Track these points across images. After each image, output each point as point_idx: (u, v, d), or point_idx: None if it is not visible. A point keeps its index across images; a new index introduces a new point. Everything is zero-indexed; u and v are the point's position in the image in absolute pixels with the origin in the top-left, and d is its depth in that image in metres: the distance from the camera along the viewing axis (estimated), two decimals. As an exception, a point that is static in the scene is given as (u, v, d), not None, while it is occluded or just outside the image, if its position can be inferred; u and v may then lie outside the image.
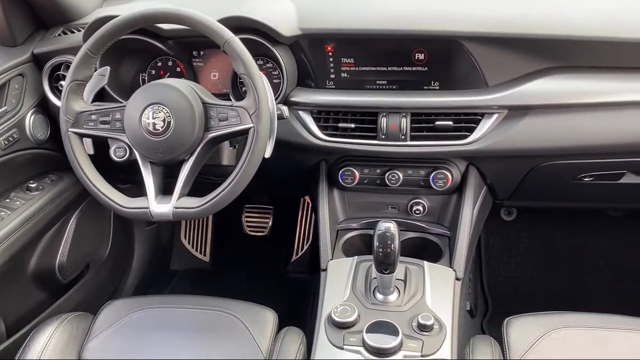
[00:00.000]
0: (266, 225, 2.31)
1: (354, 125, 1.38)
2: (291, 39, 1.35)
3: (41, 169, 1.63)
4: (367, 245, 1.45)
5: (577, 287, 2.09)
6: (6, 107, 1.45)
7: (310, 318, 1.25)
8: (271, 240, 2.32)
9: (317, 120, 1.40)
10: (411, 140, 1.37)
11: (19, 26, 1.52)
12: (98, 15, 1.38)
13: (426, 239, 1.46)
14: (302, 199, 2.27)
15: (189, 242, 2.33)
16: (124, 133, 1.19)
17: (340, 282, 1.28)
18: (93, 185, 1.20)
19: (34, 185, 1.55)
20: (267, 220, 2.31)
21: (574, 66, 1.31)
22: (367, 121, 1.38)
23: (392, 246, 1.13)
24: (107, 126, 1.21)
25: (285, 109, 1.28)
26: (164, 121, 1.14)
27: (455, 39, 1.29)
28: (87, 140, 1.28)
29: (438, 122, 1.34)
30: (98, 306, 1.31)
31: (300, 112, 1.40)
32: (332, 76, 1.39)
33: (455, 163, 1.43)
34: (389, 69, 1.37)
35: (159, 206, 1.17)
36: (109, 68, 1.32)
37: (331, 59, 1.38)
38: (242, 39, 1.21)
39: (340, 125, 1.39)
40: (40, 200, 1.53)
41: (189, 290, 2.19)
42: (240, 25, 1.31)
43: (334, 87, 1.40)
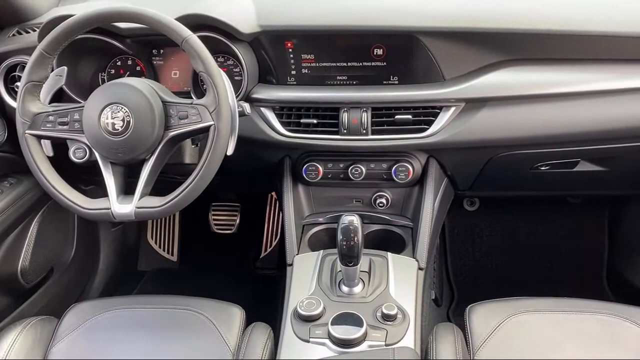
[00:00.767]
0: (234, 222, 2.31)
1: (316, 121, 1.40)
2: (251, 36, 1.35)
3: (-1, 172, 1.60)
4: (332, 239, 1.46)
5: (540, 273, 2.15)
6: (-39, 110, 1.42)
7: (279, 313, 1.26)
8: (239, 238, 2.32)
9: (279, 117, 1.41)
10: (372, 134, 1.39)
11: (-29, 26, 1.49)
12: (53, 14, 1.36)
13: (390, 230, 1.48)
14: (270, 195, 2.28)
15: (156, 242, 2.31)
16: (83, 134, 1.18)
17: (306, 277, 1.29)
18: (52, 187, 1.18)
19: (-8, 189, 1.52)
20: (235, 218, 2.31)
21: (528, 59, 1.35)
22: (328, 116, 1.40)
23: (356, 239, 1.15)
24: (65, 127, 1.19)
25: (246, 105, 1.28)
26: (123, 121, 1.14)
27: (412, 34, 1.31)
28: (45, 141, 1.26)
29: (398, 116, 1.37)
30: (64, 310, 1.30)
31: (262, 109, 1.41)
32: (293, 72, 1.40)
33: (416, 156, 1.46)
34: (349, 64, 1.38)
35: (121, 206, 1.16)
36: (66, 68, 1.30)
37: (291, 56, 1.38)
38: (201, 36, 1.20)
39: (302, 121, 1.40)
40: None
41: (157, 290, 2.17)
42: (198, 23, 1.31)
43: (295, 83, 1.41)
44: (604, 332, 1.17)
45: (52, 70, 1.25)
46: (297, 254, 1.38)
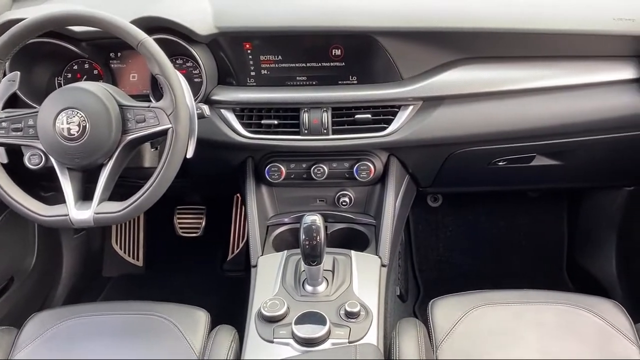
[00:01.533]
0: (199, 225, 2.29)
1: (277, 122, 1.40)
2: (208, 38, 1.34)
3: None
4: (297, 239, 1.46)
5: (503, 266, 2.20)
6: None
7: (244, 315, 1.27)
8: (206, 241, 2.31)
9: (240, 118, 1.41)
10: (333, 134, 1.40)
11: None
12: (5, 18, 1.33)
13: (354, 229, 1.50)
14: (235, 196, 2.27)
15: (120, 248, 2.28)
16: (38, 140, 1.16)
17: (270, 277, 1.30)
18: (7, 194, 1.16)
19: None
20: (200, 221, 2.29)
21: (482, 57, 1.38)
22: (289, 117, 1.40)
23: (318, 238, 1.16)
24: (19, 133, 1.17)
25: (205, 107, 1.28)
26: (79, 125, 1.12)
27: (368, 34, 1.33)
28: (-1, 148, 1.24)
29: (358, 116, 1.38)
30: (25, 319, 1.27)
31: (222, 111, 1.40)
32: (253, 73, 1.40)
33: (377, 154, 1.47)
34: (308, 65, 1.39)
35: (79, 212, 1.15)
36: (19, 73, 1.26)
37: (250, 57, 1.39)
38: (157, 39, 1.20)
39: (263, 122, 1.40)
40: None
41: (123, 296, 2.14)
42: (154, 25, 1.30)
43: (255, 84, 1.41)
44: (563, 322, 1.21)
45: (4, 75, 1.23)
46: (262, 255, 1.38)
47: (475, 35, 1.35)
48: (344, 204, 1.51)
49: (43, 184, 1.69)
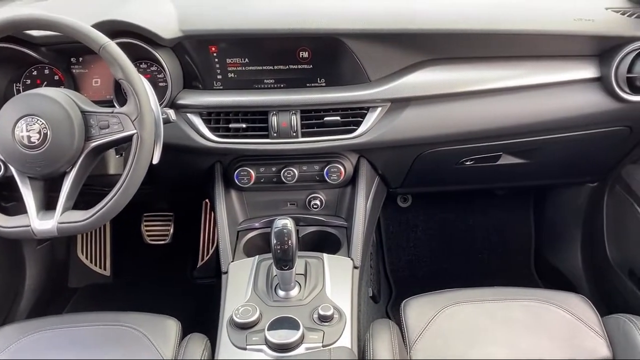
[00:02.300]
0: (167, 232, 2.26)
1: (245, 125, 1.39)
2: (173, 41, 1.32)
3: None
4: (268, 244, 1.45)
5: (473, 264, 2.23)
6: None
7: (216, 322, 1.25)
8: (174, 248, 2.27)
9: (207, 122, 1.39)
10: (302, 136, 1.39)
11: None
12: (-40, 22, 1.28)
13: (325, 231, 1.49)
14: (204, 202, 2.24)
15: (87, 257, 2.22)
16: None
17: (241, 283, 1.28)
18: (-37, 206, 1.12)
19: None
20: (168, 228, 2.26)
21: (448, 58, 1.40)
22: (258, 120, 1.39)
23: (290, 242, 1.15)
24: None
25: (171, 112, 1.25)
26: (39, 133, 1.09)
27: (335, 36, 1.33)
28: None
29: (327, 118, 1.38)
30: None
31: (189, 115, 1.38)
32: (219, 77, 1.39)
33: (347, 156, 1.47)
34: (276, 67, 1.38)
35: (42, 223, 1.11)
36: (-26, 80, 1.23)
37: (216, 60, 1.37)
38: (120, 43, 1.17)
39: (231, 125, 1.39)
40: None
41: (90, 307, 2.08)
42: (117, 29, 1.28)
43: (221, 87, 1.40)
44: (532, 318, 1.23)
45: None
46: (232, 261, 1.36)
47: (441, 36, 1.36)
48: (315, 206, 1.50)
49: (3, 194, 1.63)
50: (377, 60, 1.36)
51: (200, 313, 1.97)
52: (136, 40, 1.30)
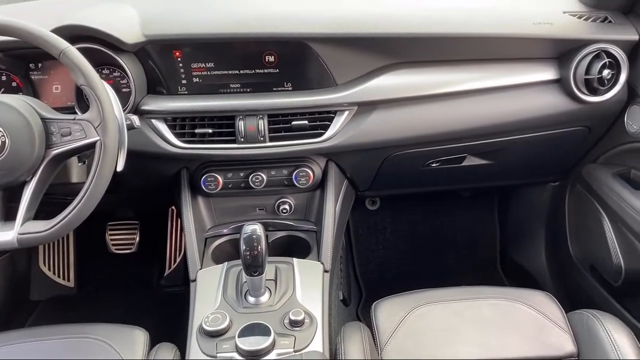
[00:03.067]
0: (133, 241, 2.21)
1: (211, 130, 1.37)
2: (136, 46, 1.30)
3: None
4: (237, 250, 1.44)
5: (441, 264, 2.26)
6: None
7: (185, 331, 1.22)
8: (141, 257, 2.22)
9: (172, 128, 1.37)
10: (270, 141, 1.38)
11: None
12: None
13: (295, 236, 1.49)
14: (170, 209, 2.21)
15: (49, 269, 2.16)
16: None
17: (210, 291, 1.26)
18: None
19: None
20: (134, 236, 2.21)
21: (414, 61, 1.41)
22: (224, 125, 1.38)
23: (259, 248, 1.14)
24: None
25: (135, 118, 1.23)
26: None
27: (301, 40, 1.32)
28: None
29: (294, 122, 1.38)
30: None
31: (153, 121, 1.36)
32: (184, 82, 1.37)
33: (315, 160, 1.47)
34: (242, 72, 1.37)
35: (1, 234, 1.07)
36: None
37: (181, 65, 1.35)
38: (81, 48, 1.14)
39: (197, 131, 1.37)
40: None
41: (53, 320, 2.00)
42: (77, 34, 1.24)
43: (187, 92, 1.38)
44: (500, 316, 1.25)
45: None
46: (201, 269, 1.34)
47: (406, 40, 1.38)
48: (284, 211, 1.49)
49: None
50: (344, 64, 1.36)
51: (168, 322, 1.93)
52: (98, 45, 1.27)
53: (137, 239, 2.21)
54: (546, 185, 1.95)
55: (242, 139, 1.37)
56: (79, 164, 1.29)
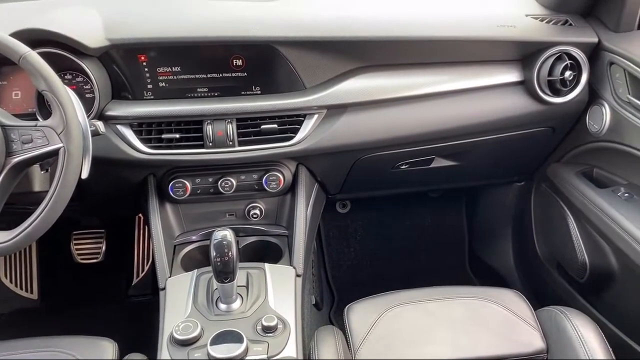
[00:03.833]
0: (99, 250, 2.15)
1: (178, 135, 1.35)
2: (99, 51, 1.27)
3: None
4: (207, 257, 1.42)
5: (411, 265, 2.28)
6: None
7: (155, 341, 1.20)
8: (107, 266, 2.17)
9: (138, 133, 1.34)
10: (239, 145, 1.37)
11: None
12: None
13: (266, 241, 1.47)
14: (137, 217, 2.16)
15: (10, 281, 2.09)
16: None
17: (180, 299, 1.24)
18: None
19: None
20: (100, 245, 2.16)
21: (381, 65, 1.42)
22: (192, 130, 1.36)
23: (230, 254, 1.13)
24: None
25: (100, 124, 1.20)
26: None
27: (268, 44, 1.32)
28: None
29: (264, 126, 1.37)
30: None
31: (118, 126, 1.33)
32: (150, 86, 1.34)
33: (286, 164, 1.46)
34: (209, 76, 1.35)
35: (-40, 246, 1.03)
36: None
37: (146, 69, 1.32)
38: (43, 52, 1.11)
39: (164, 136, 1.34)
40: None
41: (17, 334, 1.95)
42: (38, 38, 1.21)
43: (152, 97, 1.35)
44: (471, 315, 1.26)
45: None
46: (170, 277, 1.32)
47: (374, 44, 1.38)
48: (254, 216, 1.48)
49: None
50: (312, 68, 1.36)
51: (138, 332, 1.89)
52: (60, 49, 1.24)
53: (104, 248, 2.16)
54: (512, 185, 1.99)
55: (210, 144, 1.35)
56: (42, 172, 1.25)
